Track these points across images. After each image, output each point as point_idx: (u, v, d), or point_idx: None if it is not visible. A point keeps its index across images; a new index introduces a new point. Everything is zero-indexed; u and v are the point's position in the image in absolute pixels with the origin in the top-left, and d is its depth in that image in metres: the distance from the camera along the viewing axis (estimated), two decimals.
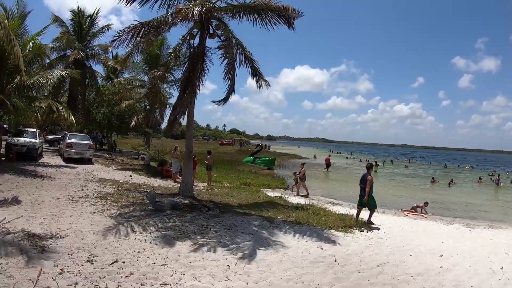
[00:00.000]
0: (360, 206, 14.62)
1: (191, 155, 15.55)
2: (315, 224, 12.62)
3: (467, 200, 27.85)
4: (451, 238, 13.32)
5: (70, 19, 33.08)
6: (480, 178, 46.89)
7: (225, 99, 16.22)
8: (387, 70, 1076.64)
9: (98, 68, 36.37)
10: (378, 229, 13.59)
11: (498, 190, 39.93)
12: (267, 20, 14.29)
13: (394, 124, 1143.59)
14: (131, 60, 19.83)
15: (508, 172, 65.96)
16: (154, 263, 7.31)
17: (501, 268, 9.67)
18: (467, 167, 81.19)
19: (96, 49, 34.24)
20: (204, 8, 12.81)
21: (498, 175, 49.69)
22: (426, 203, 19.70)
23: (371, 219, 14.59)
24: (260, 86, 16.12)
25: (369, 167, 15.13)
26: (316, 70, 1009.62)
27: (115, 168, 23.41)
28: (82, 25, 33.18)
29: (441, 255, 10.54)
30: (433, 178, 42.43)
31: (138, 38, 13.48)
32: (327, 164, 48.55)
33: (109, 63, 35.09)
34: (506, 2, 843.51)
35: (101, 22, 34.73)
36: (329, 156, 53.41)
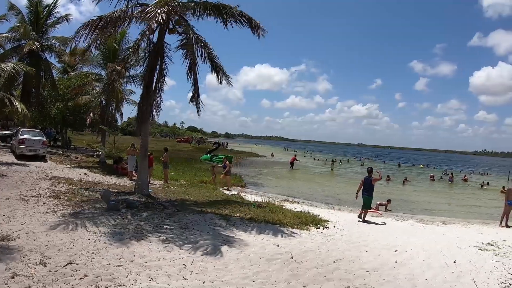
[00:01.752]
0: (366, 207, 15.90)
1: (146, 152, 15.36)
2: (271, 221, 12.67)
3: (421, 197, 28.65)
4: (405, 233, 13.69)
5: (26, 7, 31.58)
6: (432, 176, 48.49)
7: (194, 99, 15.89)
8: (346, 71, 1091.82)
9: (54, 61, 34.98)
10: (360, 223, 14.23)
11: (451, 188, 41.23)
12: (229, 23, 14.29)
13: (351, 124, 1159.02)
14: (89, 53, 19.37)
15: (460, 171, 68.21)
16: (109, 264, 7.15)
17: (454, 262, 10.03)
18: (421, 165, 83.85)
19: (53, 40, 32.72)
20: (171, 7, 12.67)
21: (452, 173, 51.58)
22: (389, 201, 20.14)
23: (362, 215, 15.99)
24: (221, 82, 15.94)
25: (370, 171, 16.42)
26: (276, 69, 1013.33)
27: (69, 166, 22.85)
28: (39, 14, 31.62)
29: (396, 250, 10.82)
30: (388, 176, 43.33)
31: (97, 31, 13.19)
32: (292, 162, 50.00)
33: (64, 56, 33.26)
34: (464, 11, 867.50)
35: (59, 11, 33.18)
36: (295, 155, 54.23)
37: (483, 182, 46.27)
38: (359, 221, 15.79)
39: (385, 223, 15.79)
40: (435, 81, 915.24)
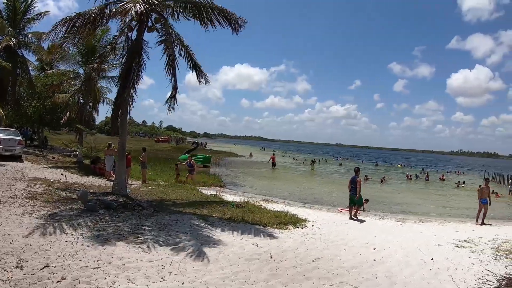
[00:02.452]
0: (352, 205, 16.81)
1: (124, 152, 15.18)
2: (250, 221, 12.70)
3: (399, 196, 28.94)
4: (383, 232, 13.87)
5: (4, 3, 30.41)
6: (408, 175, 49.18)
7: (172, 97, 15.77)
8: (326, 72, 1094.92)
9: (31, 58, 34.12)
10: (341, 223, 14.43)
11: (428, 187, 41.80)
12: (208, 22, 14.22)
13: (330, 124, 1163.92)
14: (66, 50, 19.01)
15: (437, 170, 69.36)
16: (87, 266, 7.07)
17: (432, 259, 10.24)
18: (399, 165, 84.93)
19: (29, 36, 31.18)
20: (147, 5, 12.56)
21: (427, 173, 52.59)
22: (366, 200, 20.28)
23: (356, 214, 16.82)
24: (200, 81, 15.91)
25: (357, 170, 17.63)
26: (256, 69, 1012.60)
27: (46, 166, 22.46)
28: (17, 9, 30.43)
29: (374, 249, 10.97)
30: (366, 176, 43.73)
31: (74, 29, 13.00)
32: (273, 162, 50.70)
33: (42, 53, 32.16)
34: (444, 15, 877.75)
35: (37, 7, 32.23)
36: (273, 155, 54.60)
37: (459, 181, 47.11)
38: (350, 219, 16.48)
39: (364, 220, 16.18)
40: (414, 83, 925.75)
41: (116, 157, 17.25)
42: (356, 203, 16.91)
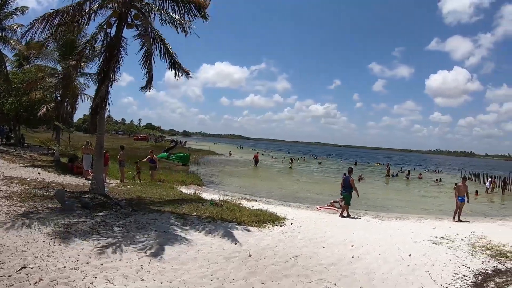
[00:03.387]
0: (346, 204, 17.56)
1: (102, 150, 15.03)
2: (229, 220, 12.71)
3: (377, 194, 29.21)
4: (361, 229, 14.05)
5: None
6: (387, 173, 49.79)
7: (146, 87, 15.69)
8: (306, 71, 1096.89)
9: (8, 53, 33.33)
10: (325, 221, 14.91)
11: (405, 185, 42.38)
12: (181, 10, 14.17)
13: (309, 123, 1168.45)
14: (44, 46, 18.70)
15: (414, 169, 70.20)
16: (64, 267, 7.00)
17: (409, 255, 10.42)
18: (377, 164, 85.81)
19: (8, 29, 30.18)
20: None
21: (408, 171, 53.77)
22: (342, 199, 20.50)
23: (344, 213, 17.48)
24: (178, 77, 15.84)
25: (350, 171, 18.62)
26: (236, 67, 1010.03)
27: (22, 165, 22.11)
28: None
29: (352, 246, 11.10)
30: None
31: (53, 27, 12.82)
32: (256, 160, 51.39)
33: (19, 47, 31.61)
34: (425, 17, 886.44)
35: (16, 1, 31.41)
36: (257, 153, 55.10)
37: (437, 179, 47.96)
38: (354, 216, 17.38)
39: (346, 216, 16.67)
40: (393, 83, 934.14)
41: (94, 155, 17.10)
42: (346, 202, 17.60)
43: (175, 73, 15.66)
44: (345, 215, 17.40)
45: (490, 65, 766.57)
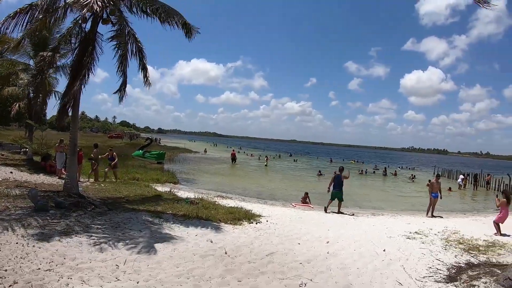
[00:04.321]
0: (334, 199, 18.48)
1: (76, 148, 14.78)
2: (204, 218, 12.69)
3: (351, 190, 29.41)
4: (336, 225, 14.22)
5: None
6: (361, 171, 50.45)
7: (120, 91, 15.55)
8: (283, 69, 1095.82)
9: None
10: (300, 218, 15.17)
11: (380, 181, 42.99)
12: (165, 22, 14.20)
13: (285, 121, 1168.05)
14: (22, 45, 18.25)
15: (388, 166, 71.10)
16: (39, 268, 6.89)
17: (384, 250, 10.64)
18: (352, 161, 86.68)
19: None
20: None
21: (385, 168, 54.80)
22: (306, 193, 20.81)
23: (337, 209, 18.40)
24: (145, 82, 15.88)
25: (341, 170, 19.26)
26: (213, 64, 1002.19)
27: None
28: None
29: (328, 242, 11.24)
30: (319, 171, 44.57)
31: (28, 23, 12.60)
32: (233, 158, 52.22)
33: None
34: (401, 18, 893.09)
35: None
36: (234, 151, 55.44)
37: (411, 175, 48.80)
38: (329, 212, 17.97)
39: (330, 212, 16.75)
40: (368, 82, 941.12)
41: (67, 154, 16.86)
42: (339, 199, 18.50)
43: (144, 77, 15.69)
44: (337, 210, 18.27)
45: (464, 66, 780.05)
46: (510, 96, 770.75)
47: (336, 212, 18.09)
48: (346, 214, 18.01)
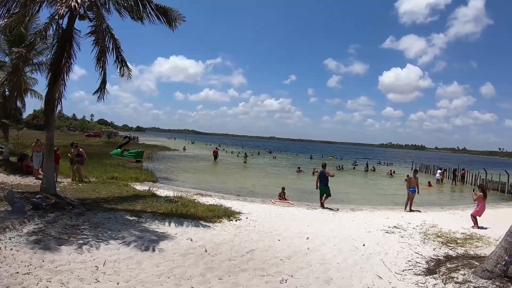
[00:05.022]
0: (328, 195, 19.40)
1: (52, 148, 14.59)
2: (184, 216, 12.70)
3: (331, 186, 29.60)
4: (316, 221, 14.33)
5: None
6: (339, 167, 50.89)
7: (100, 90, 15.40)
8: (262, 66, 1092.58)
9: None
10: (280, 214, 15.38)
11: (359, 177, 43.46)
12: (144, 15, 14.09)
13: (264, 118, 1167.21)
14: None
15: (367, 162, 71.71)
16: (17, 272, 6.82)
17: (363, 245, 10.81)
18: (331, 157, 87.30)
19: None
20: None
21: (367, 163, 55.62)
22: (283, 188, 20.97)
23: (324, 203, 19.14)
24: (122, 75, 15.68)
25: (324, 166, 20.74)
26: (192, 61, 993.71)
27: None
28: None
29: (308, 238, 11.33)
30: (298, 167, 44.78)
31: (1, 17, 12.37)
32: (215, 155, 53.22)
33: None
34: (381, 16, 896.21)
35: None
36: (216, 148, 55.69)
37: (391, 171, 49.43)
38: (320, 207, 18.50)
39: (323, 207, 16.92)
40: (347, 79, 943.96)
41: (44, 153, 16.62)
42: (327, 194, 19.38)
43: (120, 71, 15.50)
44: (324, 206, 18.82)
45: (441, 64, 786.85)
46: (486, 93, 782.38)
47: (323, 207, 18.65)
48: (332, 208, 18.43)
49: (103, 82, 15.14)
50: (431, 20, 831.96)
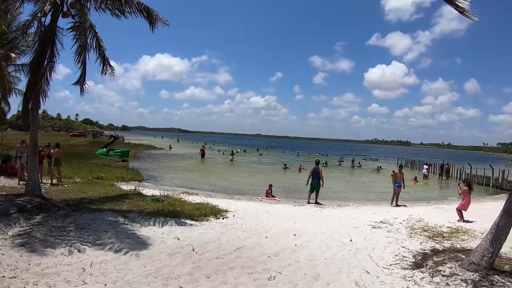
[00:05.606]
0: (313, 191, 19.67)
1: (37, 148, 14.41)
2: (171, 215, 12.65)
3: None
4: (303, 218, 14.37)
5: None
6: (325, 163, 51.17)
7: (79, 82, 15.22)
8: (248, 64, 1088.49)
9: None
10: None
11: (345, 173, 43.90)
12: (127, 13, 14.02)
13: (250, 115, 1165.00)
14: None
15: (353, 159, 72.25)
16: (3, 276, 6.73)
17: (351, 240, 10.89)
18: (317, 154, 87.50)
19: None
20: None
21: (353, 159, 56.22)
22: (270, 186, 21.11)
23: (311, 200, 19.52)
24: (104, 73, 15.55)
25: (317, 163, 20.80)
26: (177, 59, 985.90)
27: None
28: None
29: (295, 234, 11.36)
30: (285, 164, 44.92)
31: None
32: (202, 154, 53.63)
33: None
34: (367, 13, 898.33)
35: None
36: (203, 146, 55.92)
37: (378, 166, 49.90)
38: (308, 202, 19.09)
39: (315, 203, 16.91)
40: (333, 76, 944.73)
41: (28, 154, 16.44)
42: (316, 190, 19.65)
43: (103, 68, 15.36)
44: (312, 201, 19.29)
45: (427, 61, 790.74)
46: (470, 89, 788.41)
47: (313, 203, 19.09)
48: (324, 204, 18.89)
49: (83, 75, 14.92)
50: (417, 18, 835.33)
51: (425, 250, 10.09)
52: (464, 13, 7.43)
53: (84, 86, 14.99)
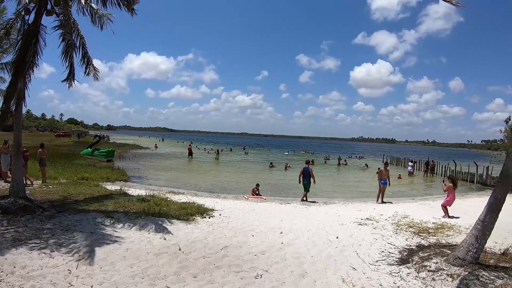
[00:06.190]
0: (306, 190, 19.83)
1: (20, 149, 14.26)
2: (157, 214, 12.62)
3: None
4: (289, 216, 14.41)
5: None
6: (312, 161, 51.52)
7: (68, 79, 15.08)
8: (234, 62, 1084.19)
9: None
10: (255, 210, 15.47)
11: (331, 171, 44.10)
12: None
13: (236, 114, 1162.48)
14: None
15: (339, 156, 72.68)
16: None
17: (337, 237, 10.98)
18: (302, 152, 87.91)
19: None
20: None
21: (339, 157, 56.74)
22: (257, 185, 21.06)
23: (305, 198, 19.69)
24: (88, 74, 15.41)
25: (308, 162, 21.07)
26: (163, 58, 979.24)
27: None
28: None
29: (281, 232, 11.41)
30: (271, 163, 44.95)
31: None
32: (190, 152, 53.64)
33: None
34: (353, 12, 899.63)
35: None
36: (190, 145, 56.35)
37: (365, 164, 50.47)
38: (306, 201, 19.14)
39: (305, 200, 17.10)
40: (319, 74, 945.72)
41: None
42: (306, 189, 19.88)
43: (86, 68, 15.23)
44: (305, 199, 19.48)
45: (412, 59, 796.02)
46: (455, 88, 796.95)
47: (304, 200, 19.32)
48: (310, 202, 18.96)
49: (71, 74, 14.79)
50: (403, 17, 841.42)
51: (411, 246, 10.17)
52: (451, 1, 7.48)
53: (72, 82, 14.89)
